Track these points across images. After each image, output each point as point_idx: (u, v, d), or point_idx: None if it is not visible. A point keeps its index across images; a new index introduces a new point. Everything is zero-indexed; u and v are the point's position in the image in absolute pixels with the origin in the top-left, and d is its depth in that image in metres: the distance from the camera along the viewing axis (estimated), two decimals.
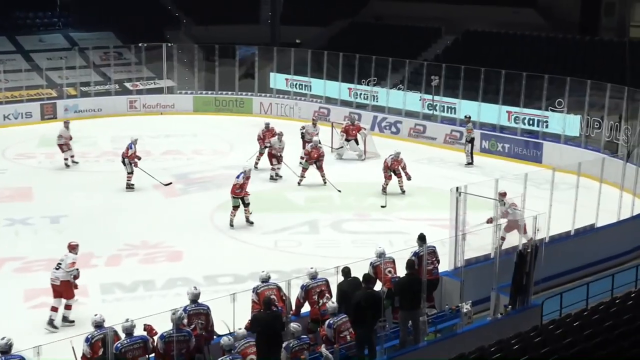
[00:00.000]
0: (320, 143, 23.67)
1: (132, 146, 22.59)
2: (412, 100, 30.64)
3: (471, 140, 26.08)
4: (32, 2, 39.08)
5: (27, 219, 19.87)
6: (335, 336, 11.64)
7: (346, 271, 12.68)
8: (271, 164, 23.71)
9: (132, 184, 22.53)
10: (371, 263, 13.35)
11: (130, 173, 22.51)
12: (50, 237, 18.62)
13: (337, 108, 32.38)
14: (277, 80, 35.08)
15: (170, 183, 22.93)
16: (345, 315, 11.88)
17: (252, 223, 19.66)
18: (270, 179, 23.50)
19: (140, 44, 36.16)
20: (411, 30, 37.51)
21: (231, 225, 19.50)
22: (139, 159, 22.65)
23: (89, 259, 17.16)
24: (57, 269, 14.48)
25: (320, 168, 23.32)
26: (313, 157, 23.15)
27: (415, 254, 13.43)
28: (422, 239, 13.87)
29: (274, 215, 20.57)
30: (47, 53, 35.86)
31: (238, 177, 19.54)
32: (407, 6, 38.33)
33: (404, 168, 22.34)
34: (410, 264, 12.83)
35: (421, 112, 30.35)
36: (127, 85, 35.45)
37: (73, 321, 14.29)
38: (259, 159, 24.72)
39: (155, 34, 37.66)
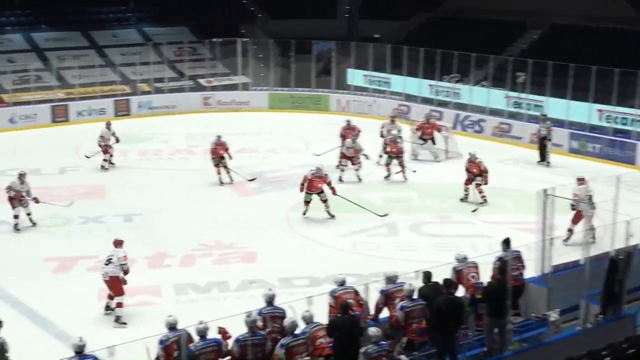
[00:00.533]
0: (399, 138, 23.66)
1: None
2: (497, 97, 30.31)
3: (547, 139, 25.65)
4: None
5: (100, 217, 20.28)
6: (405, 321, 11.68)
7: (427, 275, 12.58)
8: (340, 164, 23.66)
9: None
10: (454, 268, 13.23)
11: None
12: (123, 236, 18.75)
13: (418, 105, 32.22)
14: (355, 76, 35.09)
15: (254, 179, 23.24)
16: (421, 302, 11.87)
17: (332, 216, 20.07)
18: (339, 180, 23.47)
19: (214, 39, 36.61)
20: (495, 25, 37.09)
21: (303, 214, 20.19)
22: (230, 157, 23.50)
23: (163, 258, 17.43)
24: (106, 264, 14.82)
25: (401, 164, 23.27)
26: (392, 152, 23.11)
27: (500, 258, 13.26)
28: (507, 243, 13.67)
29: (352, 217, 20.54)
30: (120, 48, 36.57)
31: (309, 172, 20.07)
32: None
33: (484, 171, 21.66)
34: (499, 269, 12.67)
35: (506, 110, 30.01)
36: (201, 81, 35.92)
37: (125, 323, 14.59)
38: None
39: (230, 29, 38.07)
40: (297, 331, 11.11)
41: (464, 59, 31.46)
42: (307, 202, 20.28)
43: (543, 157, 25.79)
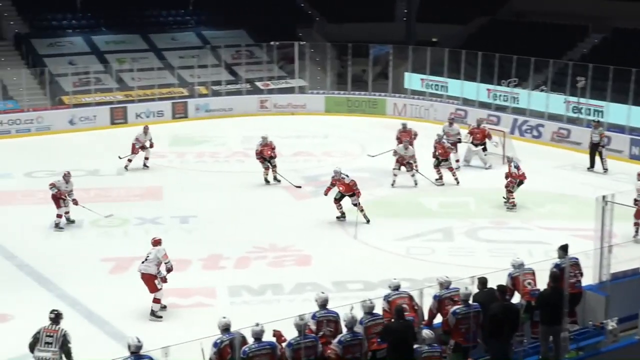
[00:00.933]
0: (444, 139, 23.67)
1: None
2: (556, 102, 29.96)
3: (600, 145, 25.25)
4: (165, 1, 40.37)
5: (157, 219, 20.51)
6: (455, 325, 11.73)
7: (483, 281, 12.49)
8: (393, 168, 23.62)
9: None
10: (509, 274, 13.10)
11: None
12: (179, 237, 19.15)
13: (475, 110, 31.99)
14: (412, 80, 34.98)
15: (300, 187, 23.20)
16: (476, 308, 11.82)
17: (368, 221, 20.07)
18: (391, 185, 23.46)
19: (272, 43, 36.81)
20: (555, 28, 36.69)
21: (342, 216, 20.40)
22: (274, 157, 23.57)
23: (218, 260, 17.58)
24: (142, 262, 15.15)
25: (449, 168, 23.18)
26: (439, 154, 23.18)
27: (557, 265, 13.10)
28: (564, 249, 13.52)
29: (406, 221, 20.52)
30: (179, 51, 36.94)
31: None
32: (551, 3, 37.42)
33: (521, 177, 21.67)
34: (554, 276, 12.54)
35: (565, 115, 29.64)
36: (258, 84, 36.11)
37: (161, 317, 14.96)
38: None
39: (288, 32, 38.23)
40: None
41: (523, 63, 31.16)
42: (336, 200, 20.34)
43: (593, 164, 25.40)
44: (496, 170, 25.28)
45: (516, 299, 12.83)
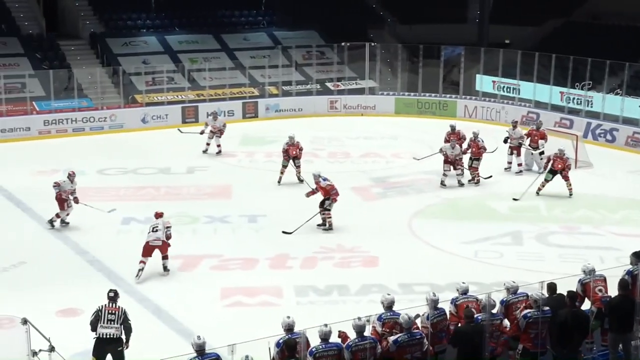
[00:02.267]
0: (479, 139, 23.75)
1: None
2: (631, 106, 29.41)
3: None
4: (238, 1, 40.71)
5: (225, 217, 20.68)
6: (525, 329, 11.64)
7: (552, 287, 12.34)
8: (443, 169, 23.51)
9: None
10: (580, 280, 12.90)
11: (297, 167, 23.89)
12: (247, 236, 19.31)
13: (547, 113, 31.58)
14: (484, 82, 34.66)
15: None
16: (548, 313, 11.66)
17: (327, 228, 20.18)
18: (440, 184, 23.44)
19: (343, 43, 36.84)
20: (632, 30, 35.99)
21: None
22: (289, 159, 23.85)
23: (285, 260, 17.66)
24: (155, 232, 16.74)
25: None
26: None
27: (629, 272, 12.86)
28: (637, 256, 13.27)
29: (475, 224, 20.35)
30: (250, 52, 37.20)
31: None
32: (629, 4, 36.65)
33: (568, 167, 22.47)
34: (623, 284, 12.31)
35: None
36: (329, 85, 36.19)
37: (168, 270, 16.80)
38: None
39: (359, 33, 38.23)
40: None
41: (597, 66, 30.63)
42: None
43: None
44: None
45: (586, 305, 12.64)
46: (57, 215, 19.92)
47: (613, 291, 12.60)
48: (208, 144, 27.53)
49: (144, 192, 23.11)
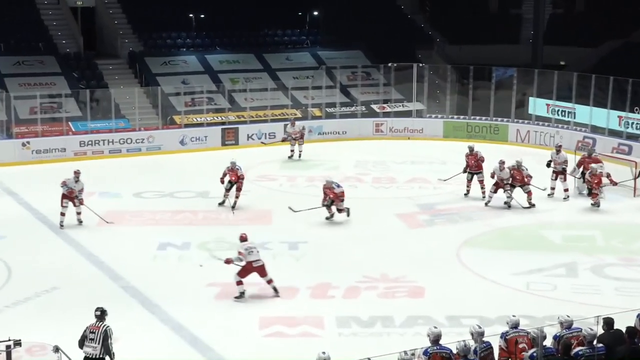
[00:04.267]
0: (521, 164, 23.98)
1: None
2: None
3: None
4: (281, 20, 41.00)
5: (265, 243, 20.61)
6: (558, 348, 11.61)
7: (609, 322, 12.15)
8: (490, 190, 24.01)
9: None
10: (638, 315, 12.70)
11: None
12: (287, 263, 19.29)
13: (604, 138, 31.27)
14: (537, 105, 34.41)
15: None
16: (602, 350, 11.54)
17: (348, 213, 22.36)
18: (485, 204, 23.99)
19: (389, 64, 36.86)
20: None
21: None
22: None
23: (327, 289, 17.61)
24: (255, 252, 17.13)
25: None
26: (515, 181, 23.63)
27: None
28: None
29: (527, 254, 20.12)
30: (293, 72, 37.43)
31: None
32: None
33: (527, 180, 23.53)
34: None
35: None
36: (374, 107, 36.20)
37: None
38: (468, 186, 25.13)
39: (406, 54, 38.22)
40: None
41: None
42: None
43: None
44: (625, 203, 24.60)
45: None
46: (62, 214, 21.31)
47: None
48: (292, 150, 30.32)
49: (181, 217, 23.23)
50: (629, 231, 22.03)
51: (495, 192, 23.79)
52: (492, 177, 23.91)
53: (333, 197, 22.21)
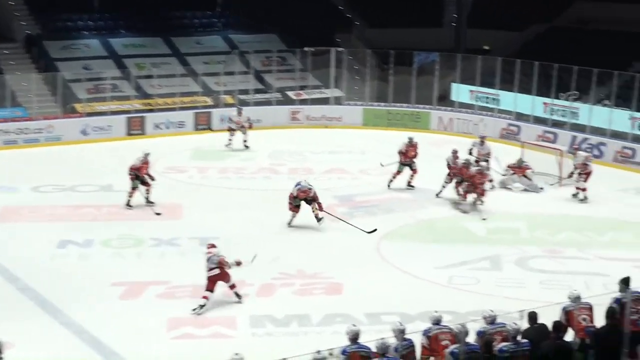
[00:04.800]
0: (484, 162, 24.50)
1: (142, 159, 23.44)
2: (620, 118, 29.75)
3: None
4: (190, 2, 40.65)
5: (174, 240, 20.54)
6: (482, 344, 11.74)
7: (533, 316, 12.39)
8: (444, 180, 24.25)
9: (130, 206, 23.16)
10: (563, 308, 12.97)
11: (134, 189, 23.15)
12: (198, 261, 19.06)
13: (529, 126, 31.85)
14: (460, 91, 34.88)
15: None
16: (526, 346, 11.73)
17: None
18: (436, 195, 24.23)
19: (306, 49, 36.88)
20: (623, 37, 36.38)
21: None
22: (152, 178, 23.43)
23: (240, 287, 17.52)
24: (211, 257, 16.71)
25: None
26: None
27: (617, 300, 12.96)
28: (626, 282, 13.37)
29: (449, 247, 20.39)
30: (204, 57, 37.19)
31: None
32: (620, 8, 37.15)
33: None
34: (611, 313, 12.39)
35: (630, 132, 29.41)
36: (290, 94, 36.21)
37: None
38: (394, 177, 25.34)
39: (324, 38, 38.26)
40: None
41: (584, 74, 30.92)
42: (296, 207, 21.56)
43: None
44: (550, 193, 25.11)
45: (570, 336, 12.68)
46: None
47: (599, 321, 12.68)
48: (231, 139, 30.46)
49: (84, 212, 22.88)
50: (554, 222, 22.48)
51: (449, 182, 24.00)
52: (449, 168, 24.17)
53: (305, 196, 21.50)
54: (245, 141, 30.45)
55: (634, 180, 26.93)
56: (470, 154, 25.58)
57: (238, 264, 16.82)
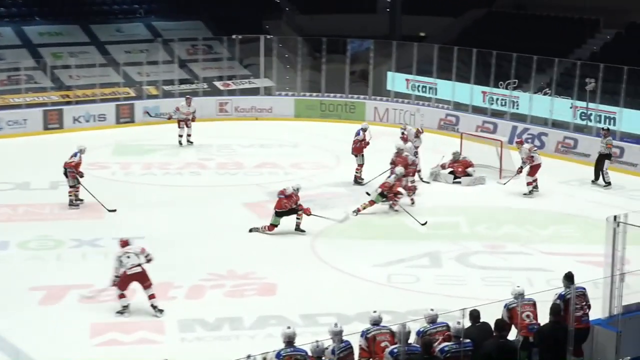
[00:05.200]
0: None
1: (77, 154, 23.16)
2: (561, 107, 30.20)
3: (608, 157, 25.49)
4: None
5: (96, 240, 20.35)
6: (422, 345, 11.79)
7: (475, 315, 12.50)
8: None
9: (80, 200, 23.03)
10: (506, 305, 13.12)
11: (73, 187, 22.95)
12: None
13: (468, 116, 32.18)
14: (396, 81, 35.10)
15: (115, 210, 22.51)
16: (468, 346, 11.87)
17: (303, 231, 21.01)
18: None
19: (234, 36, 36.77)
20: (562, 23, 36.99)
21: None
22: (81, 175, 23.05)
23: (167, 289, 17.44)
24: (128, 257, 16.32)
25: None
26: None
27: (561, 296, 13.15)
28: (569, 278, 13.57)
29: (387, 244, 20.53)
30: (125, 45, 36.92)
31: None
32: None
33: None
34: (555, 309, 12.58)
35: (572, 122, 29.85)
36: (217, 84, 36.09)
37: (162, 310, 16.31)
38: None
39: (252, 25, 38.23)
40: None
41: (523, 62, 31.34)
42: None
43: (597, 177, 25.63)
44: (490, 186, 25.39)
45: (513, 334, 12.84)
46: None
47: (543, 318, 12.86)
48: (181, 135, 29.90)
49: None
50: (494, 216, 22.75)
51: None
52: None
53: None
54: (189, 135, 30.09)
55: (576, 172, 27.30)
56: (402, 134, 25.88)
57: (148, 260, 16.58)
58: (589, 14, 36.35)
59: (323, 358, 11.51)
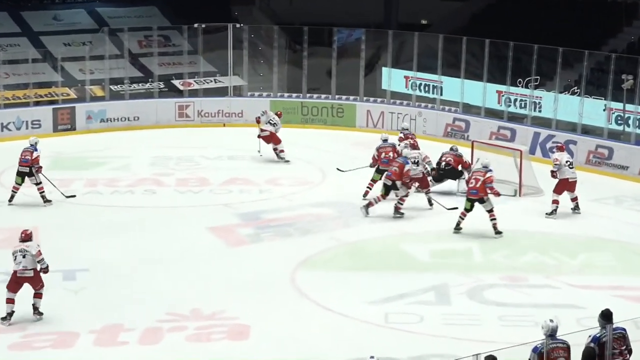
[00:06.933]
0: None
1: (37, 149, 24.29)
2: (593, 109, 30.27)
3: None
4: None
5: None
6: None
7: None
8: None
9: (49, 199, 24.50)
10: (534, 349, 13.12)
11: (39, 183, 24.43)
12: (62, 299, 18.95)
13: (480, 120, 32.24)
14: (393, 78, 35.16)
15: (74, 196, 24.38)
16: None
17: None
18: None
19: (195, 25, 36.77)
20: (594, 8, 37.12)
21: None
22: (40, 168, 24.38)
23: (117, 333, 17.41)
24: (24, 257, 17.46)
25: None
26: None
27: (595, 339, 13.19)
28: (606, 317, 13.60)
29: (384, 276, 20.51)
30: (64, 36, 36.92)
31: None
32: None
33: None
34: (588, 354, 12.60)
35: (606, 128, 29.97)
36: (176, 83, 36.12)
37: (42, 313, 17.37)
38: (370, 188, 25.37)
39: (218, 11, 38.28)
40: None
41: (547, 55, 31.43)
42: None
43: None
44: (508, 205, 25.41)
45: None
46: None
47: None
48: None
49: None
50: (513, 242, 22.73)
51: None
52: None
53: None
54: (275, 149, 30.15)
55: (610, 188, 27.41)
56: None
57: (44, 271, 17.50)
58: None
59: None
